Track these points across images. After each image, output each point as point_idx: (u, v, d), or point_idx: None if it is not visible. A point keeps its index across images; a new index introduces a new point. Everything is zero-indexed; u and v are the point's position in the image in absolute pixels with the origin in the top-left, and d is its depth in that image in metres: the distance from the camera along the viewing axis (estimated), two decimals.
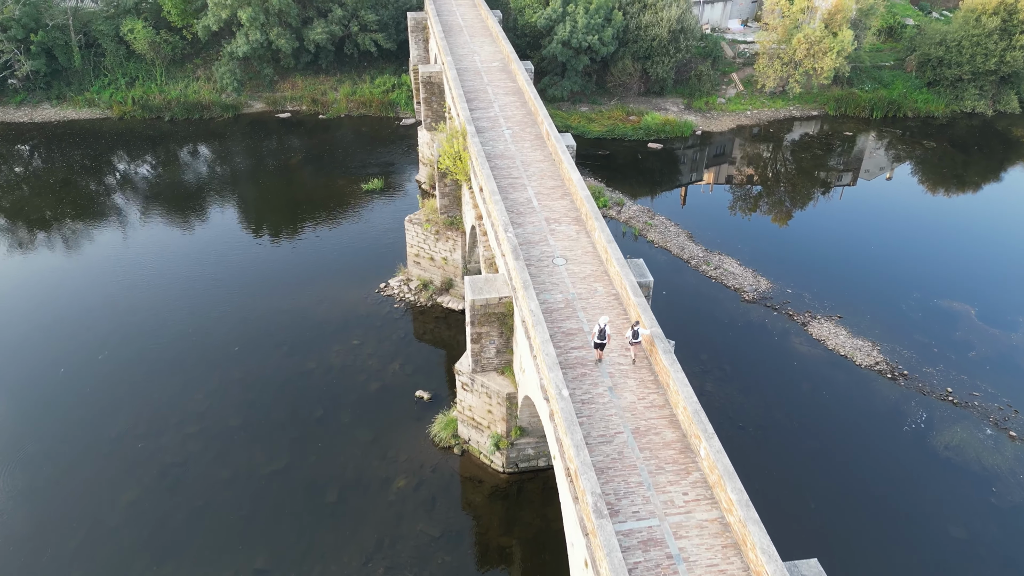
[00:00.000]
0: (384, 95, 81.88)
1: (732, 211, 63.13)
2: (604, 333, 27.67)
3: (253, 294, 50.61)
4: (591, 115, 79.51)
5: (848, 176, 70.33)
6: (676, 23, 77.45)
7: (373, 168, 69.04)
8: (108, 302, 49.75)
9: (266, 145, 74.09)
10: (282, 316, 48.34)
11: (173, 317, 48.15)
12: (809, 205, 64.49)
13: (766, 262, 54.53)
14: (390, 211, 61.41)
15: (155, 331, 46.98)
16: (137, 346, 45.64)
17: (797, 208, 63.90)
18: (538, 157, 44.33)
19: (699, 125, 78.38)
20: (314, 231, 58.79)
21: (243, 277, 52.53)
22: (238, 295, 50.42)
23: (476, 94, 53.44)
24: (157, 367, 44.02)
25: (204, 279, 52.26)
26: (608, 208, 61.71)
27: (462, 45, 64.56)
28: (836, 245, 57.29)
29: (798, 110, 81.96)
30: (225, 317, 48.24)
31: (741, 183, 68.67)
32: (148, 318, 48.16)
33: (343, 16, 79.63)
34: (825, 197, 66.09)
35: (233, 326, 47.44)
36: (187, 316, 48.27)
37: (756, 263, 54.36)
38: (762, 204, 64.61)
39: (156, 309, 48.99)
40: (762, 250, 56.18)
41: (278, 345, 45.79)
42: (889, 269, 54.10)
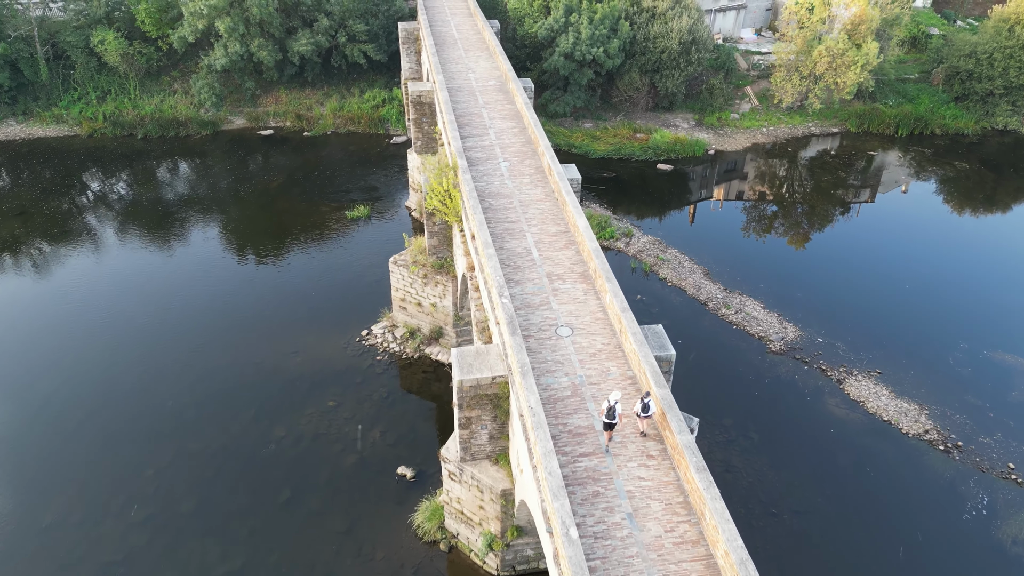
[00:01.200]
0: (373, 111, 76.41)
1: (751, 241, 57.61)
2: (614, 412, 23.08)
3: (219, 344, 45.11)
4: (595, 132, 74.06)
5: (874, 200, 64.78)
6: (687, 34, 72.00)
7: (360, 192, 63.56)
8: (53, 354, 44.27)
9: (245, 166, 68.63)
10: (250, 371, 42.84)
11: (125, 375, 42.65)
12: (834, 234, 58.97)
13: (792, 304, 49.04)
14: (376, 243, 55.91)
15: (103, 392, 41.47)
16: (82, 409, 40.13)
17: (821, 237, 58.38)
18: (538, 195, 38.82)
19: (712, 143, 72.90)
20: (291, 267, 53.29)
21: (209, 324, 47.03)
22: (202, 346, 44.92)
23: (470, 118, 47.96)
24: (103, 437, 38.51)
25: (164, 327, 46.77)
26: (615, 240, 56.22)
27: (456, 60, 59.10)
28: (868, 281, 51.78)
29: (817, 127, 76.49)
30: (185, 373, 42.73)
31: (759, 209, 63.15)
32: (96, 375, 42.68)
33: (330, 26, 74.23)
34: (850, 224, 60.57)
35: (194, 384, 41.94)
36: (141, 373, 42.78)
37: (781, 305, 48.87)
38: (783, 233, 59.09)
39: (106, 364, 43.49)
40: (786, 288, 50.69)
41: (243, 408, 40.26)
42: (930, 312, 48.61)
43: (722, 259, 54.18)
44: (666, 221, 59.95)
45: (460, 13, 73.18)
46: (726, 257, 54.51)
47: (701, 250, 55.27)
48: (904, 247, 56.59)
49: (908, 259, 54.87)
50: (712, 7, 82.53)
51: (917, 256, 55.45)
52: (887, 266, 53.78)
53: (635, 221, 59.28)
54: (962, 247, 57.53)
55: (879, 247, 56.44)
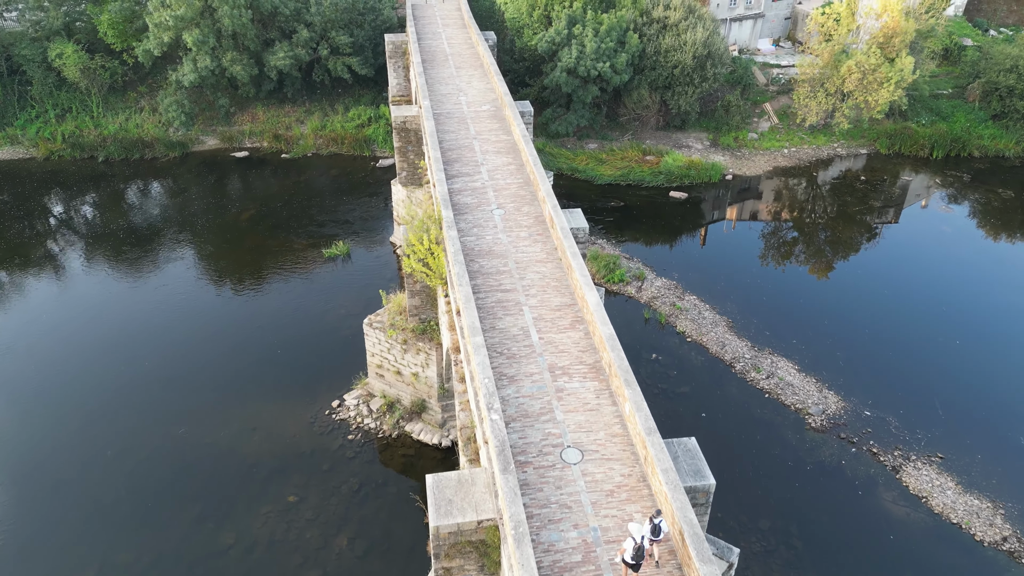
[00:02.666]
0: (358, 131, 69.91)
1: (777, 284, 51.08)
2: (642, 551, 17.79)
3: (166, 418, 38.64)
4: (601, 155, 67.59)
5: (911, 234, 58.20)
6: (702, 47, 65.52)
7: (340, 225, 57.06)
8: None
9: (215, 193, 62.13)
10: (199, 455, 36.37)
11: (50, 460, 36.18)
12: (870, 274, 52.40)
13: (830, 364, 42.55)
14: (355, 288, 49.46)
15: (21, 485, 35.01)
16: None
17: (856, 278, 51.81)
18: (538, 254, 32.33)
19: (728, 167, 66.41)
20: (257, 317, 46.83)
21: (156, 391, 40.55)
22: (145, 421, 38.45)
23: (459, 153, 41.48)
24: (17, 547, 32.04)
25: (103, 394, 40.31)
26: (626, 283, 49.71)
27: (446, 80, 52.62)
28: (914, 335, 45.28)
29: (843, 148, 69.99)
30: (123, 457, 36.27)
31: (784, 245, 56.62)
32: (15, 465, 36.20)
33: (310, 38, 67.76)
34: (887, 262, 53.98)
35: (132, 471, 35.48)
36: (70, 457, 36.31)
37: (818, 366, 42.37)
38: (812, 274, 52.55)
39: (29, 449, 37.01)
40: (822, 344, 44.19)
41: (188, 505, 33.80)
42: (992, 374, 42.12)
43: (747, 306, 47.70)
44: (682, 260, 53.42)
45: (453, 24, 66.70)
46: (751, 304, 48.02)
47: (723, 295, 48.78)
48: (951, 292, 50.06)
49: (957, 307, 48.36)
50: (727, 16, 76.08)
51: (968, 303, 48.94)
52: (934, 316, 47.28)
53: (647, 260, 52.76)
54: (1019, 292, 50.99)
55: (922, 291, 49.92)
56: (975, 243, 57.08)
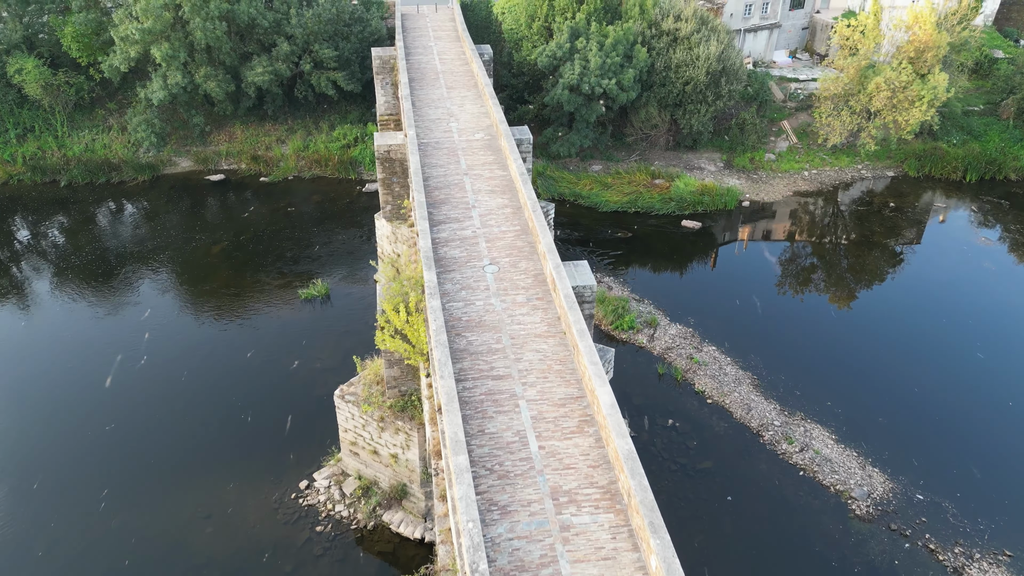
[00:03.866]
0: (343, 152, 64.65)
1: (804, 331, 45.76)
2: None
3: (107, 502, 33.35)
4: (606, 178, 62.30)
5: (952, 271, 52.84)
6: (716, 63, 60.24)
7: (319, 261, 51.77)
8: None
9: (185, 222, 56.82)
10: (138, 553, 31.06)
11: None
12: (910, 320, 47.02)
13: (873, 432, 37.25)
14: (333, 337, 44.21)
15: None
16: None
17: (894, 326, 46.44)
18: (538, 325, 27.04)
19: (745, 192, 61.14)
20: (221, 373, 41.55)
21: (97, 466, 35.25)
22: (75, 507, 33.14)
23: (448, 192, 36.21)
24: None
25: (23, 475, 35.01)
26: (636, 331, 44.41)
27: (435, 103, 47.37)
28: (965, 395, 39.99)
29: (868, 169, 64.71)
30: (48, 558, 30.97)
31: (810, 283, 51.26)
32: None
33: (291, 51, 62.46)
34: (929, 306, 48.63)
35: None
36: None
37: (858, 435, 37.07)
38: (844, 319, 47.21)
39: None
40: (862, 406, 38.91)
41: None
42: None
43: (772, 358, 42.40)
44: (697, 301, 48.08)
45: (445, 36, 61.45)
46: (777, 355, 42.72)
47: (745, 345, 43.49)
48: (1004, 342, 44.71)
49: (1012, 361, 43.06)
50: (741, 27, 70.84)
51: (1022, 356, 43.67)
52: (985, 371, 41.98)
53: (659, 302, 47.45)
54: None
55: (968, 340, 44.59)
56: (1022, 282, 51.72)
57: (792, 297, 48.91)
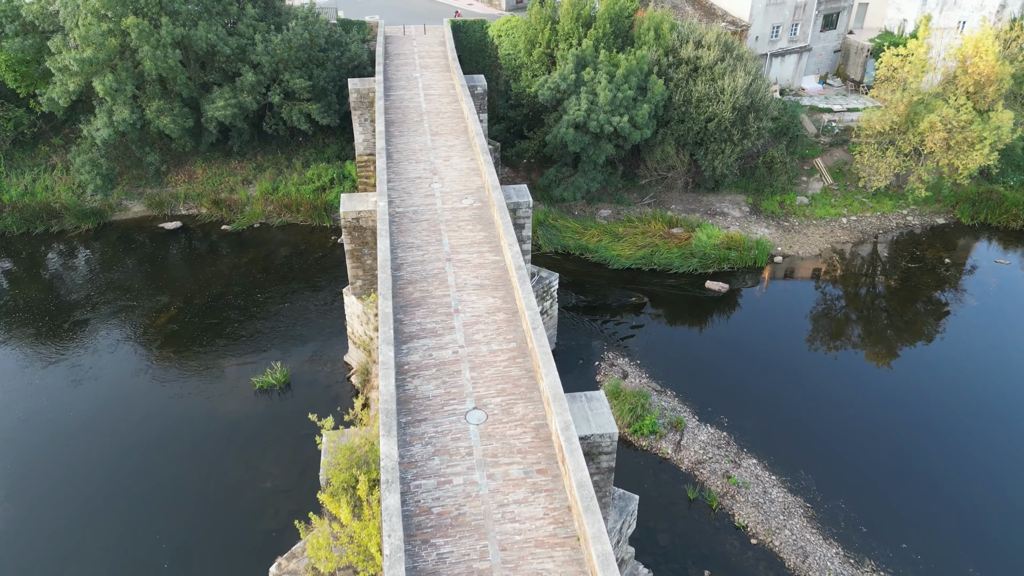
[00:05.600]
0: (317, 195, 56.87)
1: (861, 435, 37.86)
2: None
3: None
4: (616, 227, 54.46)
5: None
6: (743, 96, 52.45)
7: (282, 335, 43.96)
8: None
9: (129, 283, 48.95)
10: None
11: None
12: (996, 421, 39.28)
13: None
14: (289, 443, 36.36)
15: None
16: None
17: (983, 428, 38.65)
18: (541, 524, 19.14)
19: (776, 244, 53.34)
20: (144, 497, 33.67)
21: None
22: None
23: (426, 288, 28.42)
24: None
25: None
26: (659, 436, 36.55)
27: (417, 155, 39.59)
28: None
29: (915, 215, 56.91)
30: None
31: (865, 368, 43.23)
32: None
33: (258, 82, 54.64)
34: (1012, 400, 40.88)
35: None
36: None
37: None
38: (915, 419, 39.24)
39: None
40: (949, 550, 31.08)
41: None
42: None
43: (828, 476, 34.57)
44: (730, 390, 40.19)
45: (434, 65, 53.76)
46: (834, 470, 34.89)
47: (793, 455, 35.64)
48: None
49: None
50: (768, 51, 63.06)
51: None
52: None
53: (685, 394, 39.59)
54: None
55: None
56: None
57: (843, 386, 41.02)
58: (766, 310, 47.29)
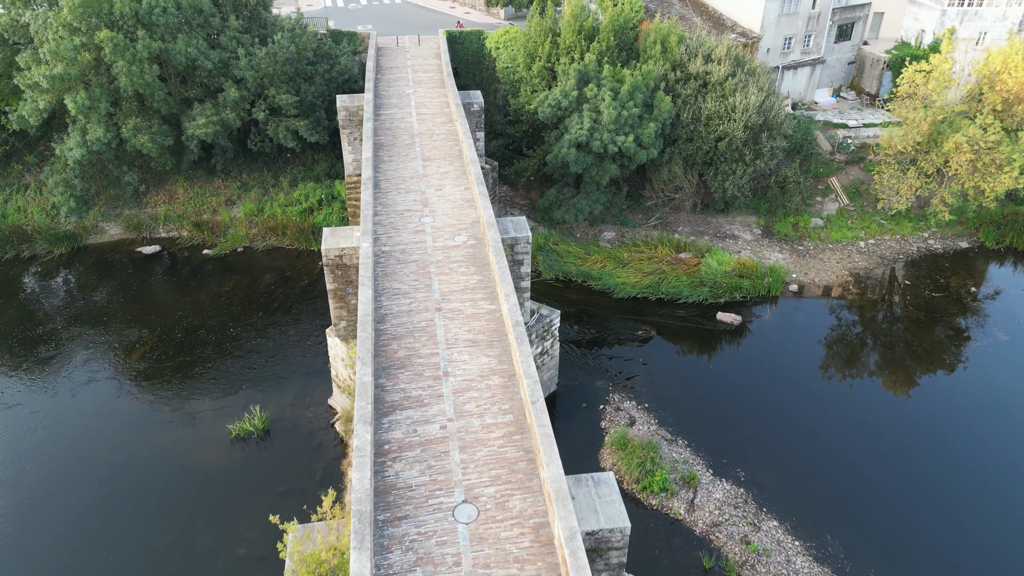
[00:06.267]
0: (304, 217, 53.81)
1: (896, 492, 34.82)
2: None
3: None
4: (621, 251, 51.39)
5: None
6: (756, 115, 49.39)
7: (262, 375, 40.86)
8: None
9: (102, 314, 45.88)
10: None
11: None
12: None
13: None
14: (266, 502, 33.18)
15: None
16: None
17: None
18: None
19: (790, 270, 50.29)
20: (101, 557, 30.61)
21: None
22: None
23: (412, 344, 25.34)
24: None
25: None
26: (670, 494, 33.44)
27: (407, 184, 36.53)
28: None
29: (937, 239, 53.87)
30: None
31: (895, 412, 40.15)
32: None
33: (242, 97, 51.58)
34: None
35: None
36: None
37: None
38: (949, 470, 36.24)
39: None
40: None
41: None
42: None
43: (857, 540, 31.50)
44: (745, 439, 37.10)
45: (428, 80, 50.74)
46: (862, 534, 31.82)
47: (818, 516, 32.56)
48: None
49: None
50: (779, 63, 59.99)
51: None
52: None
53: (697, 443, 36.51)
54: None
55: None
56: None
57: (871, 433, 37.93)
58: (782, 345, 44.20)
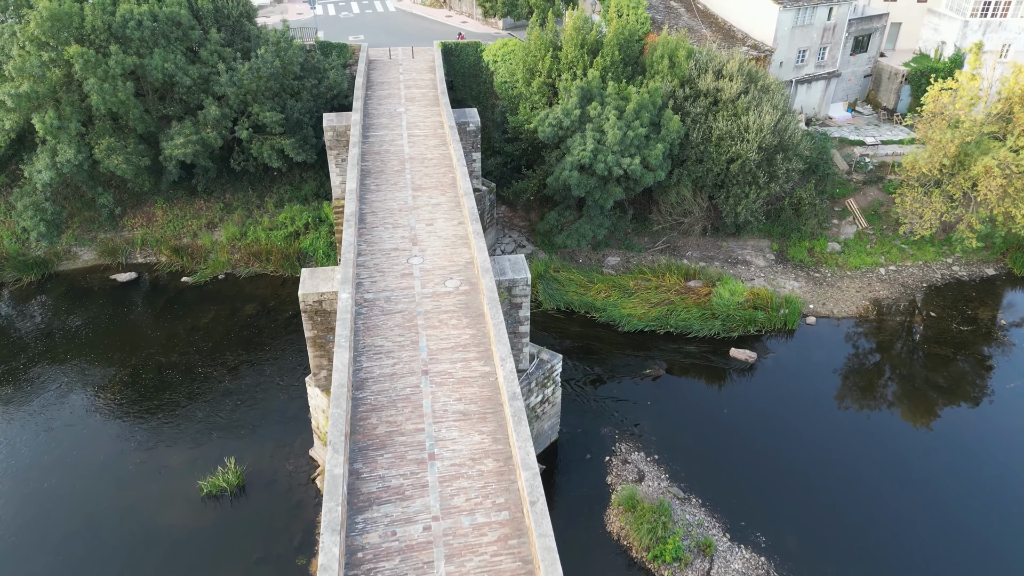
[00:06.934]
0: (289, 242, 50.67)
1: (943, 560, 31.71)
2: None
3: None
4: (627, 279, 48.27)
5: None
6: (771, 135, 46.28)
7: (238, 422, 37.70)
8: None
9: (69, 351, 42.68)
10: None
11: None
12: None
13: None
14: (238, 572, 30.09)
15: None
16: None
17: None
18: None
19: (807, 300, 47.18)
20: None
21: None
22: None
23: (394, 417, 22.21)
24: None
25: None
26: (683, 565, 30.27)
27: (395, 217, 33.44)
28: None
29: (961, 265, 50.76)
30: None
31: (926, 461, 37.07)
32: None
33: (224, 115, 48.48)
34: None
35: None
36: None
37: None
38: (996, 531, 33.15)
39: None
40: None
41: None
42: None
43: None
44: (766, 496, 33.88)
45: (421, 97, 47.69)
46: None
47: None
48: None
49: None
50: (792, 78, 56.88)
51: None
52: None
53: (713, 501, 33.34)
54: None
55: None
56: None
57: (903, 487, 34.77)
58: (801, 386, 41.01)
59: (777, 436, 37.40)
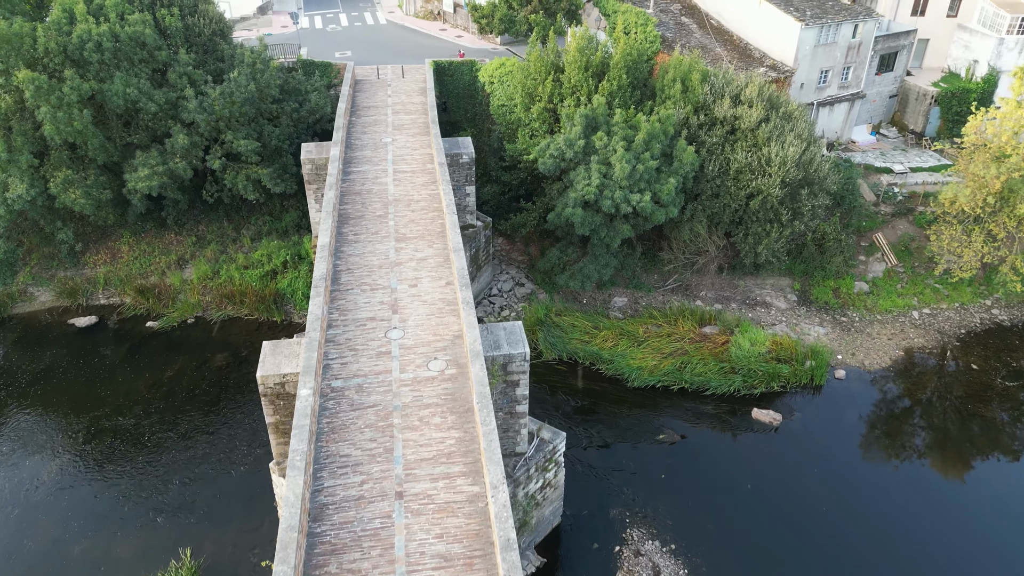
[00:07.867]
0: (265, 283, 46.27)
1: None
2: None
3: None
4: (635, 325, 43.86)
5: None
6: (795, 168, 41.90)
7: (197, 499, 33.24)
8: None
9: (12, 418, 38.23)
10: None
11: None
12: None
13: None
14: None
15: None
16: None
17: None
18: None
19: (834, 350, 42.80)
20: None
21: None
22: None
23: (358, 555, 17.85)
24: None
25: None
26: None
27: (375, 274, 29.04)
28: None
29: (1001, 307, 46.36)
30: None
31: (988, 544, 32.72)
32: None
33: (194, 143, 44.08)
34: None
35: None
36: None
37: None
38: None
39: None
40: None
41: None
42: None
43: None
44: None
45: (410, 125, 43.38)
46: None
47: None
48: None
49: None
50: (814, 100, 52.51)
51: None
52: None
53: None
54: None
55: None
56: None
57: (955, 567, 30.41)
58: (833, 454, 36.53)
59: (808, 514, 33.00)
